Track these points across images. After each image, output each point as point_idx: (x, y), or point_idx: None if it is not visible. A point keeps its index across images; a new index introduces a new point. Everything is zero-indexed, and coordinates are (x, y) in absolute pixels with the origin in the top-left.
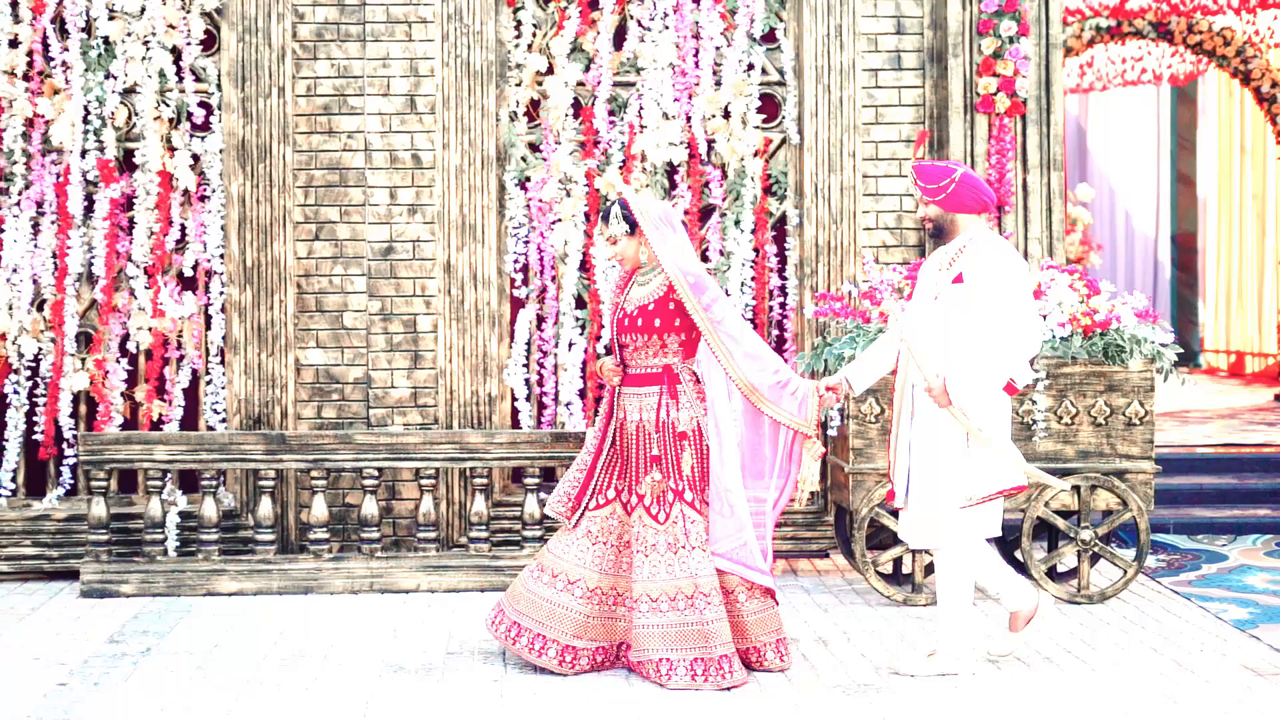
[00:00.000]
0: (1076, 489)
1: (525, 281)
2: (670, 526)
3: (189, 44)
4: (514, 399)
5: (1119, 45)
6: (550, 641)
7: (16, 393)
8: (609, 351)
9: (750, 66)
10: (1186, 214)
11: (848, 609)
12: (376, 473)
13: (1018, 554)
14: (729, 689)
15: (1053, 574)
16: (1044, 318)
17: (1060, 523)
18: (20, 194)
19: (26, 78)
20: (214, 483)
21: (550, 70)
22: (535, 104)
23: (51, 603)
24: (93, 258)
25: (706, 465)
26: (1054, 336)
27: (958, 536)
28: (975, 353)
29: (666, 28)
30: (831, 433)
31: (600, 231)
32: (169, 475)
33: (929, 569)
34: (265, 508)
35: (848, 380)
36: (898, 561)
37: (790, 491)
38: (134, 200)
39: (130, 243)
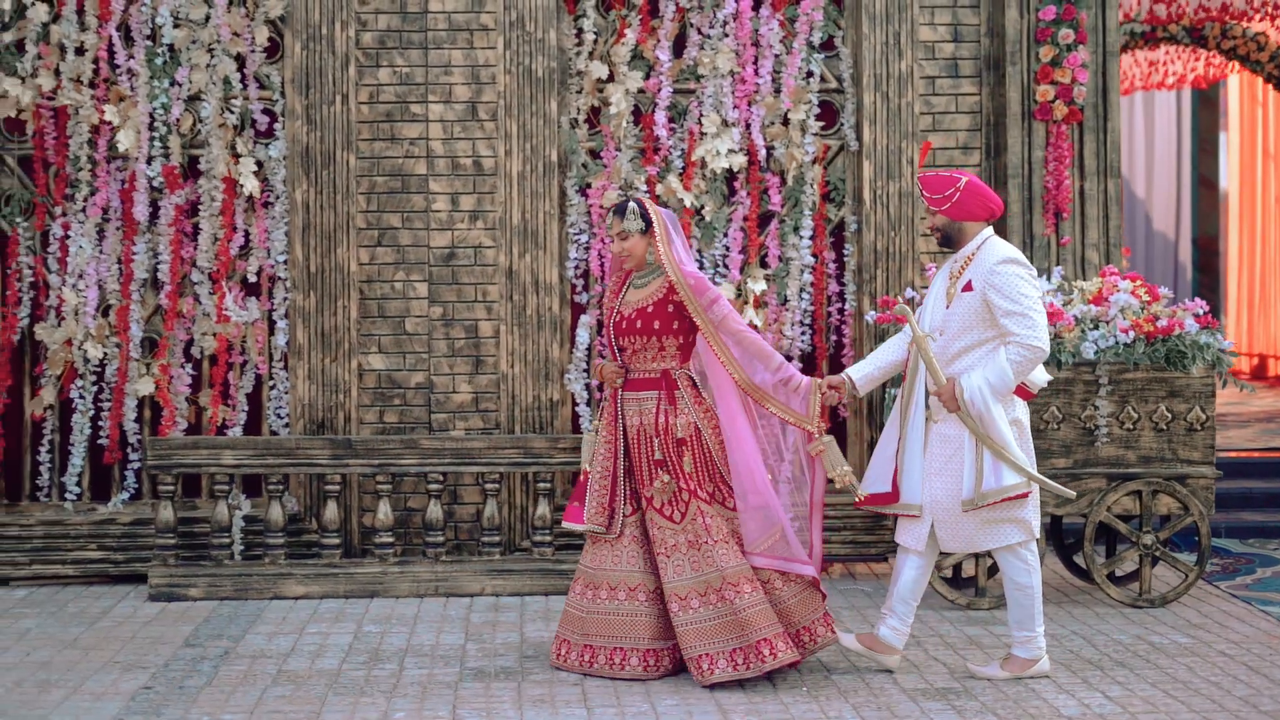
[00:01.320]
0: (1139, 494)
1: (586, 287)
2: (689, 524)
3: (253, 51)
4: (575, 404)
5: (1149, 50)
6: (630, 651)
7: (82, 398)
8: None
9: (809, 74)
10: (1208, 217)
11: None
12: (441, 477)
13: (1077, 558)
14: (772, 671)
15: (1111, 578)
16: (1106, 324)
17: (1122, 527)
18: (86, 200)
19: (92, 85)
20: (280, 487)
21: (611, 77)
22: (596, 111)
23: (120, 606)
24: (158, 263)
25: (710, 468)
26: (1117, 343)
27: (988, 543)
28: (985, 358)
29: (726, 35)
30: None
31: (611, 226)
32: (234, 480)
33: (991, 571)
34: (331, 512)
35: (851, 379)
36: (956, 566)
37: (821, 486)
38: (199, 206)
39: (195, 249)
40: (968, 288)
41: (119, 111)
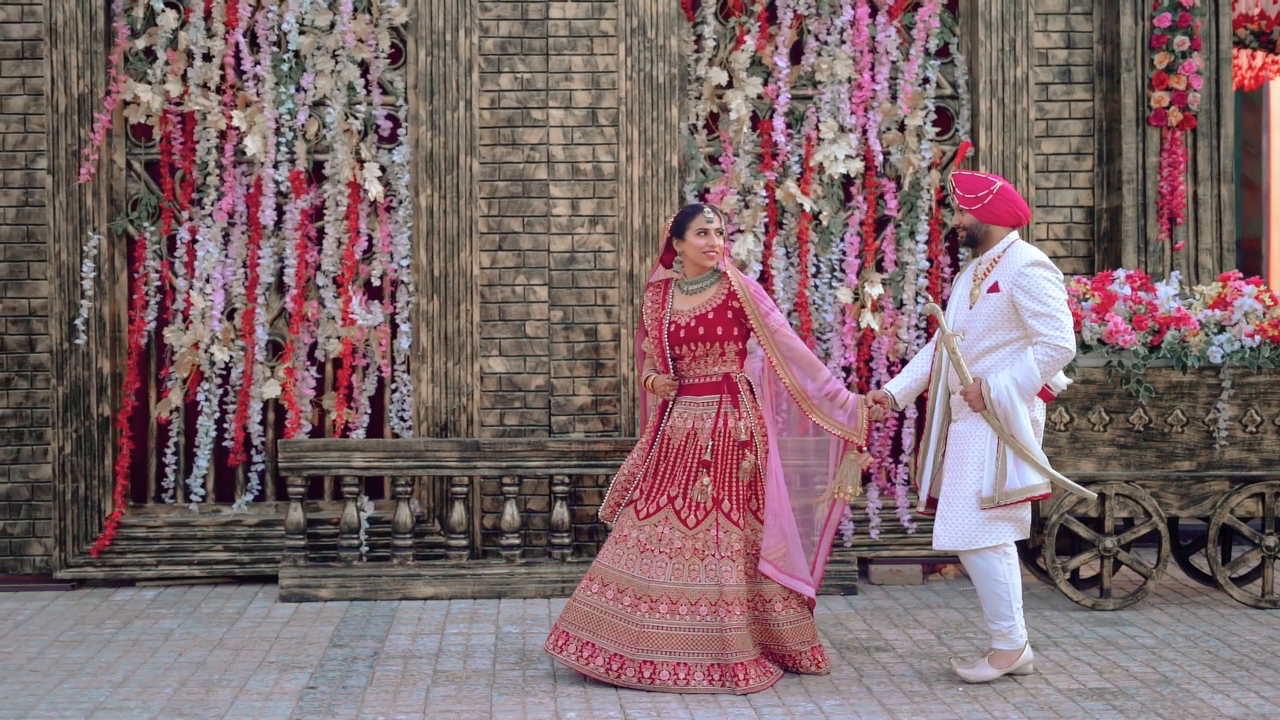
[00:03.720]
0: (1261, 496)
1: None
2: (700, 533)
3: (377, 58)
4: None
5: None
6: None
7: (208, 400)
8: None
9: (925, 80)
10: (1251, 219)
11: (1038, 614)
12: (567, 479)
13: (1193, 559)
14: (743, 694)
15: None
16: (1231, 328)
17: (1245, 529)
18: (212, 205)
19: (219, 91)
20: (408, 489)
21: (730, 83)
22: (715, 116)
23: (253, 607)
24: (283, 267)
25: (759, 476)
26: (1242, 347)
27: (988, 540)
28: (1007, 359)
29: (844, 42)
30: None
31: (711, 220)
32: (361, 482)
33: (1115, 567)
34: (458, 514)
35: (891, 395)
36: (1074, 569)
37: (838, 509)
38: (323, 211)
39: (320, 253)
40: (994, 289)
41: (245, 117)
